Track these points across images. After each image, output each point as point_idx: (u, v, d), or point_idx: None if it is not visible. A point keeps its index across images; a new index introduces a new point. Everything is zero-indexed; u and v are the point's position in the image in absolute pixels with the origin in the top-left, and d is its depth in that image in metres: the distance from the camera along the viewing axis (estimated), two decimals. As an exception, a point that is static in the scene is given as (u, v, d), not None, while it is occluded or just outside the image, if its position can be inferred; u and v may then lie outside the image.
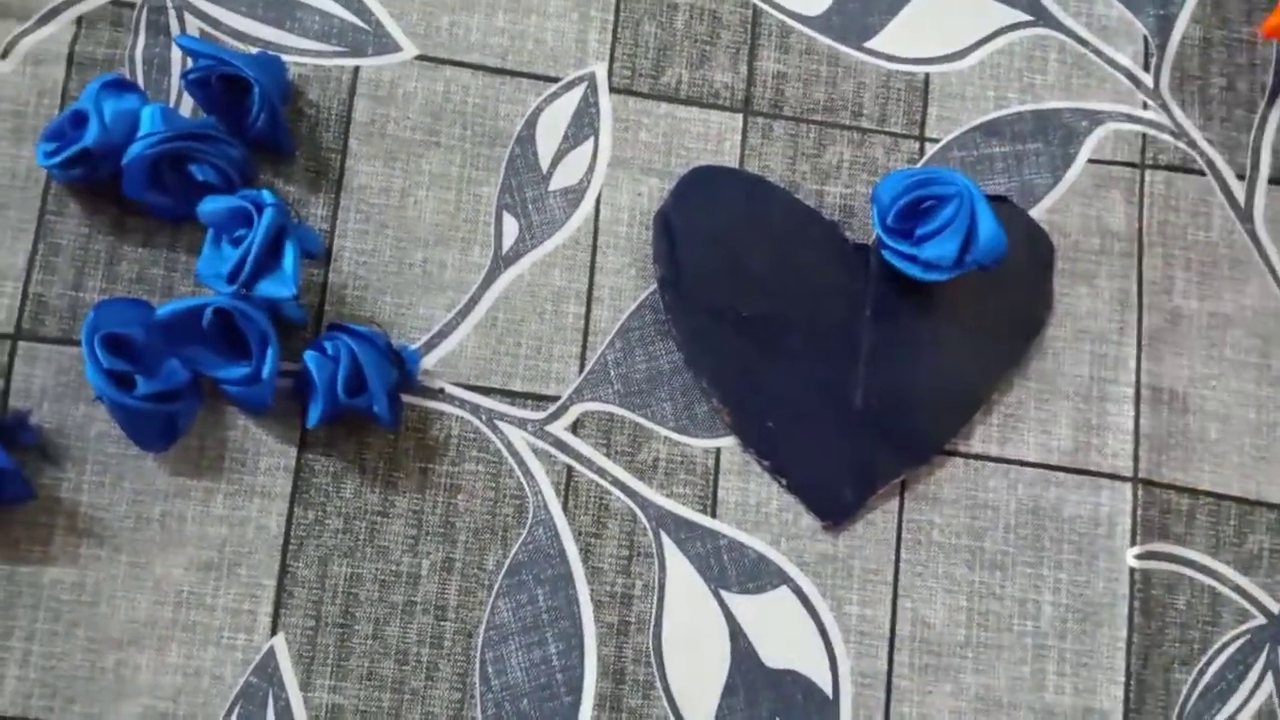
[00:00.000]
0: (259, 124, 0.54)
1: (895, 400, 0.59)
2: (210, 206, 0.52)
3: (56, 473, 0.54)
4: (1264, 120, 0.65)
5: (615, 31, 0.61)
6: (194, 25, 0.58)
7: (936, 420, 0.59)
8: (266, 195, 0.51)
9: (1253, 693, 0.59)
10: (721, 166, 0.61)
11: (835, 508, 0.58)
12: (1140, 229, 0.63)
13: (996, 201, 0.59)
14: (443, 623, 0.55)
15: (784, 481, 0.58)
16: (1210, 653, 0.59)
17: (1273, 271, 0.63)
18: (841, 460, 0.58)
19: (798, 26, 0.63)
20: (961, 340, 0.60)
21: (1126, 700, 0.58)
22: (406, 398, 0.56)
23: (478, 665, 0.54)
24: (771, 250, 0.59)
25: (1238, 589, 0.60)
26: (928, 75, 0.63)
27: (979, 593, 0.58)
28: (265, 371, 0.51)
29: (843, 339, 0.59)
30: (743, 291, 0.59)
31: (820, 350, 0.59)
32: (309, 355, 0.52)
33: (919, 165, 0.62)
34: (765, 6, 0.63)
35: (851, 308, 0.59)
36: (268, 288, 0.51)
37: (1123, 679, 0.58)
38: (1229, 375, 0.62)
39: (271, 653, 0.53)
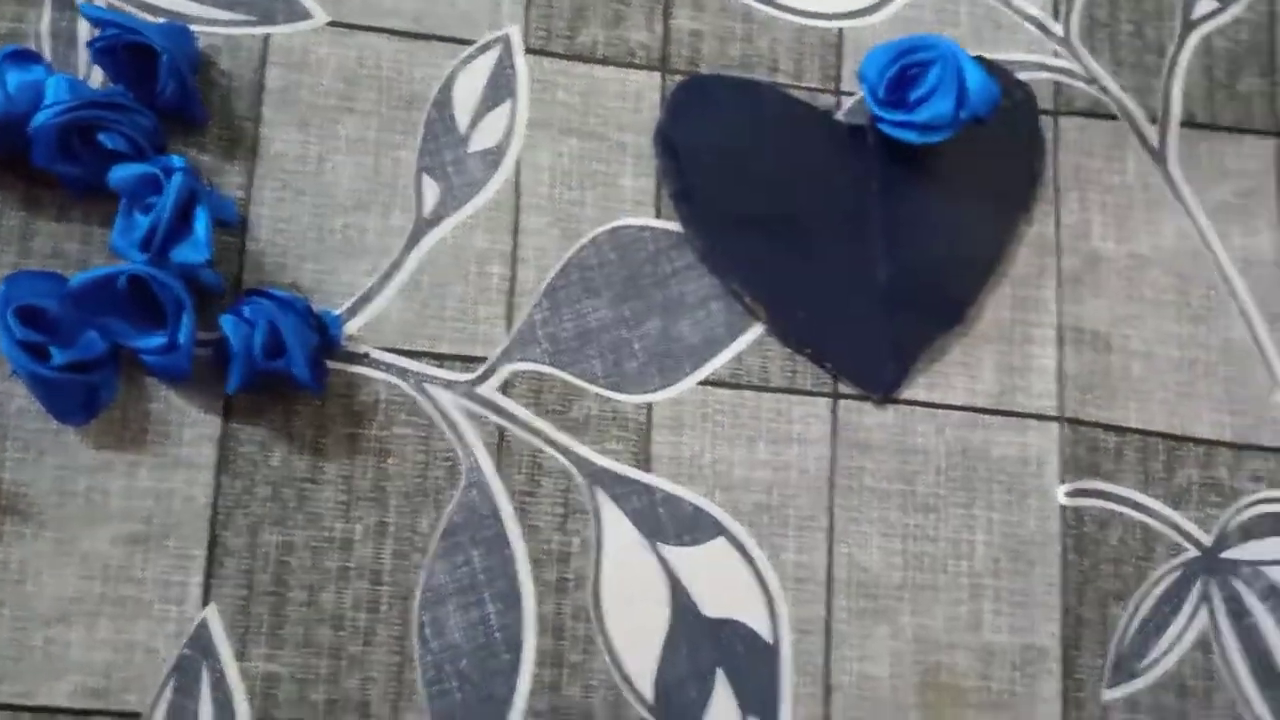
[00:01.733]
0: (168, 93, 0.54)
1: (917, 269, 0.60)
2: (120, 173, 0.51)
3: (-25, 451, 0.53)
4: (1174, 64, 0.66)
5: (529, -6, 0.61)
6: (101, -2, 0.58)
7: (960, 281, 0.61)
8: (176, 160, 0.51)
9: (1189, 624, 0.59)
10: (708, 75, 0.61)
11: (883, 380, 0.59)
12: (1055, 175, 0.64)
13: (977, 60, 0.60)
14: (378, 587, 0.54)
15: (828, 365, 0.59)
16: (1145, 586, 0.59)
17: (1188, 211, 0.64)
18: (879, 335, 0.60)
19: (711, -16, 0.63)
20: (969, 200, 0.62)
21: (1064, 637, 0.58)
22: (332, 363, 0.56)
23: (415, 628, 0.54)
24: (772, 147, 0.61)
25: (1169, 523, 0.60)
26: (841, 30, 0.64)
27: (913, 535, 0.59)
28: (181, 338, 0.51)
29: (856, 220, 0.61)
30: (754, 192, 0.60)
31: (837, 234, 0.60)
32: (225, 319, 0.51)
33: (838, 115, 0.63)
34: (679, -34, 0.63)
35: (859, 187, 0.61)
36: (181, 254, 0.50)
37: (1059, 615, 0.58)
38: (1149, 314, 0.63)
39: (204, 624, 0.53)
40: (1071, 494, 0.60)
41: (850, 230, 0.60)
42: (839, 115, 0.62)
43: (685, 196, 0.59)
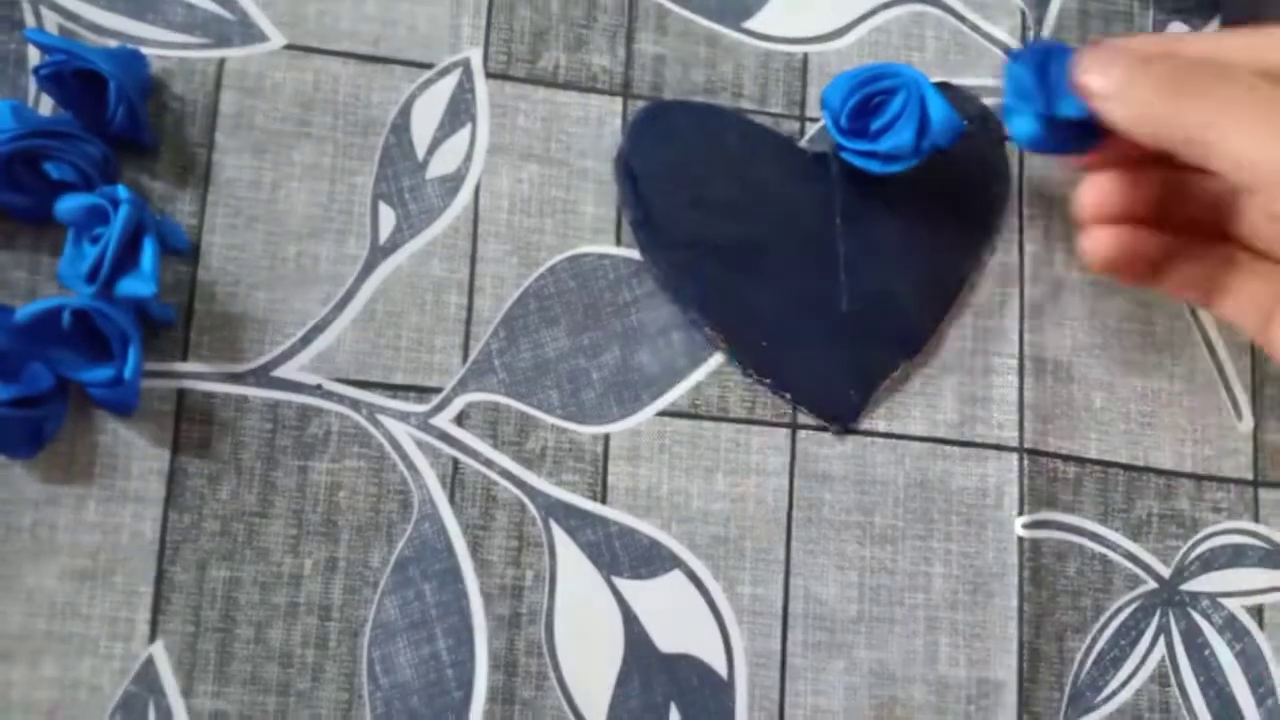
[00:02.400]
0: (118, 119, 0.53)
1: (880, 297, 0.60)
2: (67, 205, 0.50)
3: (-83, 485, 0.52)
4: (1140, 91, 0.65)
5: (489, 16, 0.60)
6: (51, 20, 0.57)
7: (922, 310, 0.61)
8: (122, 191, 0.50)
9: (1145, 657, 0.60)
10: (671, 100, 0.61)
11: (843, 410, 0.59)
12: (1020, 203, 0.63)
13: (941, 87, 0.60)
14: (327, 623, 0.54)
15: (788, 395, 0.59)
16: (1103, 619, 0.59)
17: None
18: (840, 364, 0.59)
19: (675, 8, 0.62)
20: (932, 228, 0.61)
21: (1020, 670, 0.58)
22: (281, 395, 0.55)
23: (365, 664, 0.54)
24: (734, 173, 0.60)
25: (1128, 555, 0.60)
26: (806, 55, 0.63)
27: (870, 567, 0.58)
28: (128, 372, 0.50)
29: (818, 248, 0.60)
30: (714, 219, 0.59)
31: (799, 262, 0.60)
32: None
33: (801, 143, 0.62)
34: (642, -12, 0.62)
35: (821, 216, 0.60)
36: (128, 286, 0.50)
37: (1015, 649, 0.58)
38: (1112, 343, 0.62)
39: (151, 660, 0.52)
40: (1030, 525, 0.60)
41: (812, 259, 0.60)
42: (803, 142, 0.62)
43: (644, 223, 0.59)
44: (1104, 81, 0.48)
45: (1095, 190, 0.53)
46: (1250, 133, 0.44)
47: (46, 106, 0.56)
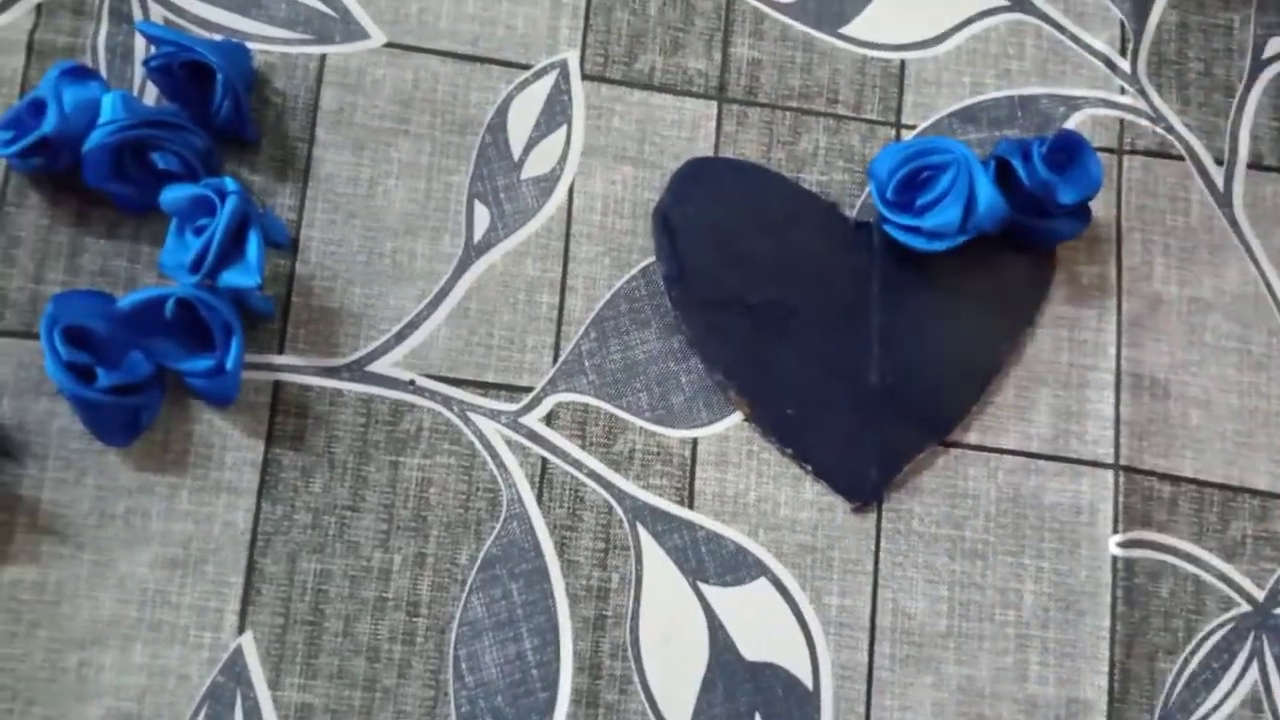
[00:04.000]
0: (223, 112, 0.53)
1: (912, 375, 0.58)
2: (172, 195, 0.51)
3: (17, 469, 0.52)
4: (1241, 104, 0.64)
5: (587, 18, 0.60)
6: (157, 12, 0.57)
7: (955, 391, 0.59)
8: (229, 183, 0.50)
9: (1238, 682, 0.58)
10: (715, 157, 0.60)
11: (862, 489, 0.57)
12: (1119, 215, 0.62)
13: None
14: (415, 619, 0.54)
15: (809, 467, 0.57)
16: (1195, 641, 0.58)
17: (1251, 256, 0.63)
18: (864, 440, 0.57)
19: (772, 13, 0.62)
20: (972, 308, 0.60)
21: (1111, 690, 0.57)
22: (375, 389, 0.55)
23: (451, 662, 0.53)
24: (773, 236, 0.59)
25: (1222, 576, 0.59)
26: (903, 61, 0.62)
27: (960, 582, 0.57)
28: (230, 363, 0.50)
29: (853, 318, 0.59)
30: (749, 280, 0.58)
31: (832, 332, 0.58)
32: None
33: (846, 211, 0.61)
34: (739, -7, 0.62)
35: (859, 286, 0.59)
36: (231, 278, 0.50)
37: (1106, 669, 0.57)
38: (1209, 360, 0.61)
39: (239, 651, 0.52)
40: (1124, 544, 0.58)
41: (846, 329, 0.58)
42: (849, 211, 0.60)
43: (678, 279, 0.58)
44: None
45: None
46: None
47: (150, 98, 0.56)
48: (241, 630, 0.53)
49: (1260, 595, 0.59)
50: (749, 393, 0.57)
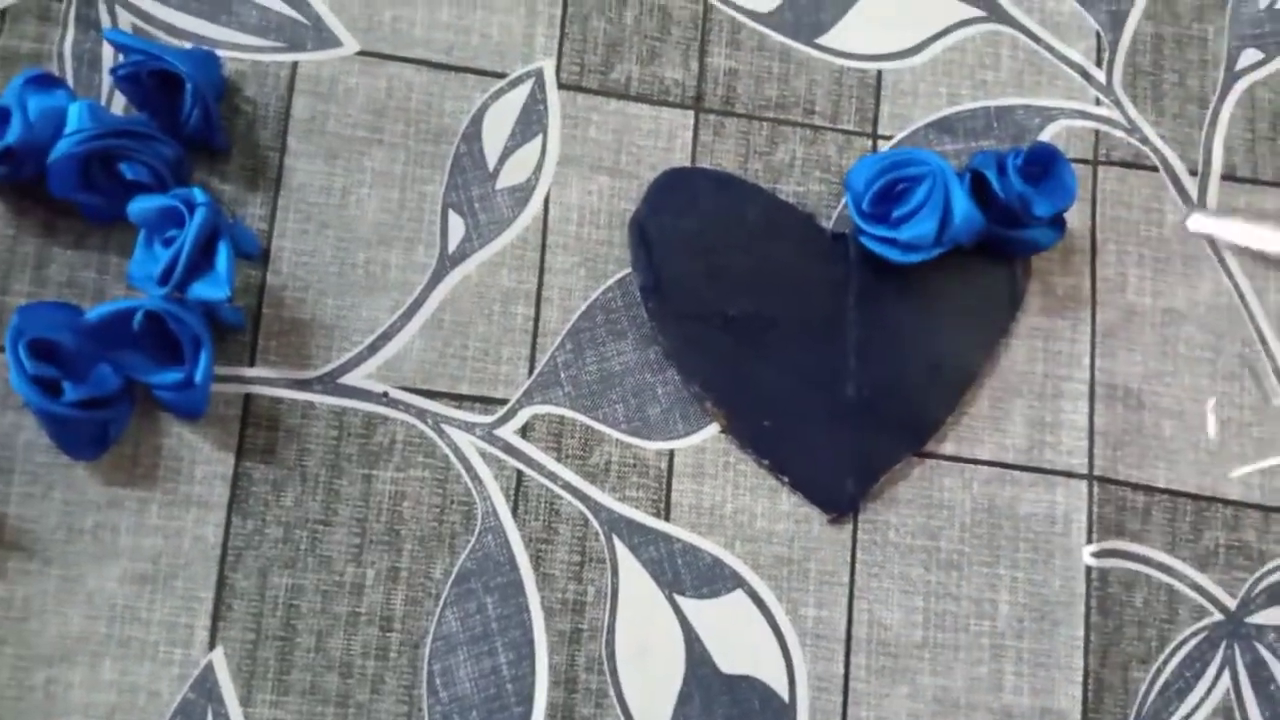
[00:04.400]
0: (192, 121, 0.53)
1: (888, 386, 0.58)
2: (140, 206, 0.50)
3: (-18, 484, 0.52)
4: (1215, 116, 0.65)
5: (563, 26, 0.60)
6: (126, 20, 0.57)
7: (931, 401, 0.59)
8: (198, 194, 0.49)
9: (1210, 690, 0.58)
10: (693, 168, 0.60)
11: (839, 500, 0.57)
12: (1094, 226, 0.62)
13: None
14: (388, 634, 0.53)
15: (785, 479, 0.57)
16: (1168, 650, 0.58)
17: (1224, 267, 0.63)
18: (841, 452, 0.57)
19: (749, 23, 0.62)
20: (948, 319, 0.60)
21: (1085, 700, 0.57)
22: (348, 402, 0.54)
23: (425, 677, 0.53)
24: (750, 247, 0.59)
25: (1195, 586, 0.59)
26: (880, 72, 0.62)
27: (935, 593, 0.57)
28: (199, 376, 0.49)
29: (830, 330, 0.58)
30: (726, 292, 0.58)
31: (809, 343, 0.58)
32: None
33: (823, 222, 0.61)
34: (716, 2, 0.62)
35: (835, 297, 0.59)
36: (201, 290, 0.49)
37: (1080, 678, 0.57)
38: (1183, 371, 0.61)
39: (210, 667, 0.52)
40: (1098, 554, 0.59)
41: (823, 341, 0.58)
42: (825, 222, 0.60)
43: (654, 290, 0.57)
44: None
45: None
46: None
47: (119, 106, 0.55)
48: (212, 646, 0.52)
49: (1232, 604, 0.59)
50: (726, 404, 0.57)
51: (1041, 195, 0.57)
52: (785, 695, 0.55)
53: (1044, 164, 0.58)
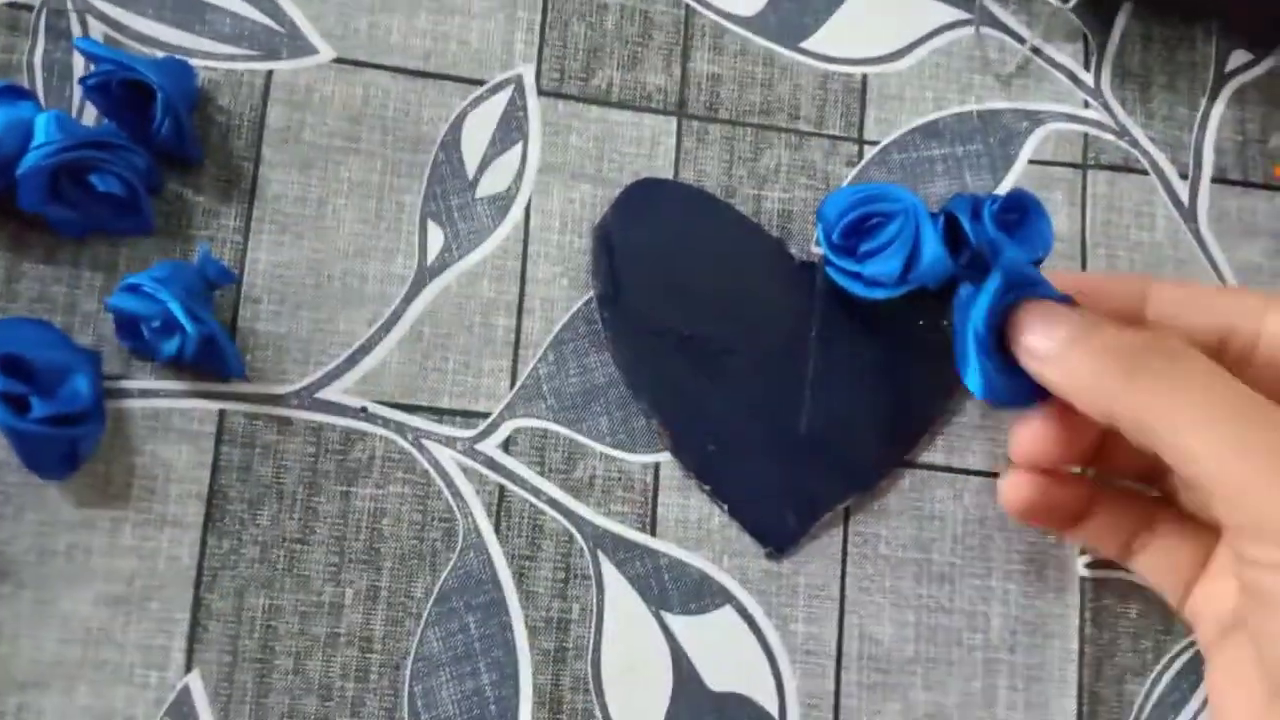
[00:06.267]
0: (164, 131, 0.52)
1: (841, 425, 0.57)
2: (120, 304, 0.49)
3: (-50, 505, 0.50)
4: (1205, 118, 0.64)
5: (543, 32, 0.59)
6: (98, 29, 0.55)
7: (883, 445, 0.57)
8: (178, 312, 0.49)
9: (1206, 703, 0.57)
10: (664, 180, 0.58)
11: (778, 534, 0.56)
12: (1084, 230, 0.61)
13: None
14: (368, 655, 0.52)
15: (724, 507, 0.56)
16: (1163, 662, 0.57)
17: (1216, 270, 0.62)
18: (785, 486, 0.56)
19: (732, 27, 0.61)
20: (910, 362, 0.58)
21: (1079, 714, 0.56)
22: (325, 417, 0.53)
23: (406, 699, 0.52)
24: (715, 267, 0.57)
25: (1189, 596, 0.58)
26: (865, 76, 0.61)
27: (927, 607, 0.56)
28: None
29: (788, 361, 0.57)
30: (685, 310, 0.56)
31: (764, 372, 0.57)
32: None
33: (857, 168, 0.60)
34: (698, 7, 0.61)
35: (797, 328, 0.57)
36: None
37: (1075, 692, 0.56)
38: (1176, 378, 0.60)
39: (186, 691, 0.51)
40: (1092, 565, 0.58)
41: (779, 371, 0.57)
42: (794, 251, 0.59)
43: (612, 301, 0.56)
44: (1046, 344, 0.45)
45: (1030, 435, 0.49)
46: (1205, 433, 0.39)
47: (89, 118, 0.54)
48: (188, 669, 0.51)
49: (1228, 614, 0.58)
50: (672, 424, 0.56)
51: (1014, 243, 0.55)
52: (775, 713, 0.54)
53: (1021, 211, 0.56)
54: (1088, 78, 0.63)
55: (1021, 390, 0.48)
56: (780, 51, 0.61)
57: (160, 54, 0.55)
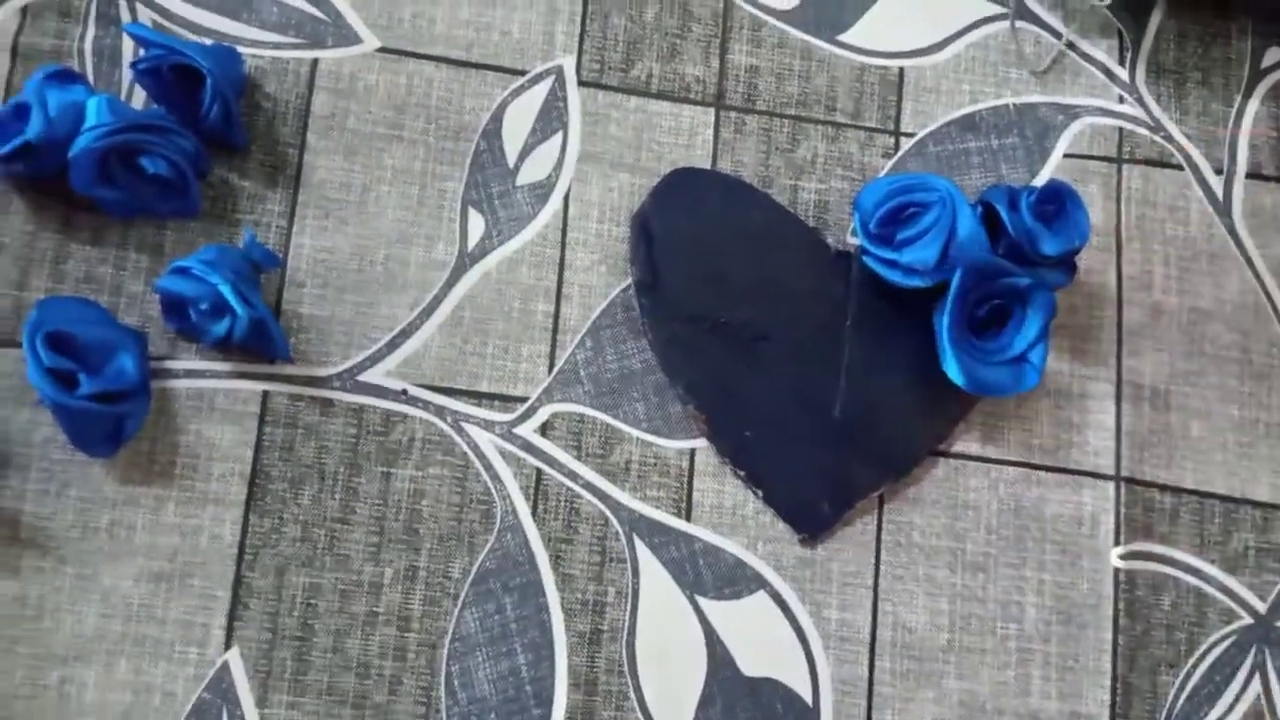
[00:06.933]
0: (212, 116, 0.52)
1: (875, 412, 0.57)
2: (169, 286, 0.50)
3: (-2, 480, 0.51)
4: (1240, 114, 0.64)
5: (583, 24, 0.60)
6: (146, 16, 0.56)
7: (917, 433, 0.58)
8: (229, 294, 0.49)
9: (1240, 695, 0.57)
10: (702, 169, 0.59)
11: (812, 521, 0.56)
12: (1118, 224, 0.61)
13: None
14: (406, 634, 0.52)
15: (759, 493, 0.56)
16: (1197, 654, 0.57)
17: (1251, 265, 0.62)
18: (819, 472, 0.56)
19: (770, 20, 0.61)
20: None
21: (1113, 704, 0.56)
22: (367, 399, 0.54)
23: (443, 678, 0.52)
24: (752, 255, 0.58)
25: (1224, 589, 0.58)
26: (902, 69, 0.62)
27: (961, 595, 0.56)
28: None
29: (823, 348, 0.57)
30: (722, 297, 0.57)
31: (800, 359, 0.57)
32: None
33: (894, 160, 0.61)
34: (737, 0, 0.61)
35: (833, 316, 0.58)
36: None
37: (1108, 682, 0.56)
38: (1210, 370, 0.61)
39: (226, 667, 0.51)
40: (1125, 556, 0.58)
41: (815, 358, 0.57)
42: (830, 241, 0.59)
43: (651, 288, 0.56)
44: None
45: None
46: None
47: (139, 101, 0.55)
48: (228, 646, 0.51)
49: (1262, 608, 0.58)
50: (708, 410, 0.56)
51: (1052, 234, 0.56)
52: (809, 699, 0.54)
53: (1058, 202, 0.56)
54: (1123, 73, 0.64)
55: (1001, 377, 0.52)
56: (818, 44, 0.61)
57: (208, 41, 0.56)
